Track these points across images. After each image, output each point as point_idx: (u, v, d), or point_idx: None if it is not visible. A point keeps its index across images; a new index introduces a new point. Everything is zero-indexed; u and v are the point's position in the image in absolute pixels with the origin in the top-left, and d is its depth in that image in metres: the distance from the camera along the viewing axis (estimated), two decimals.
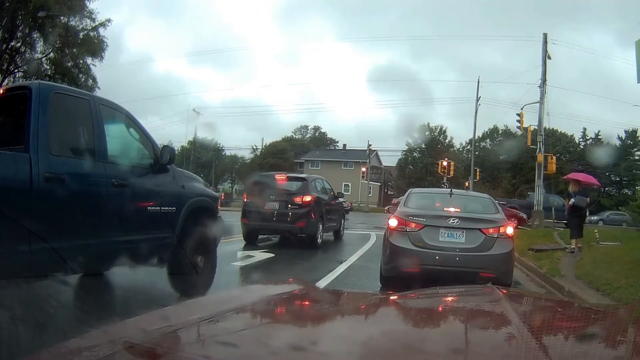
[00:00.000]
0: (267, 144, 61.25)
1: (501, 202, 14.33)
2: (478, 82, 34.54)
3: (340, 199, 15.25)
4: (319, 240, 11.56)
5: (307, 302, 1.83)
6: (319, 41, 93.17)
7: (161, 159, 5.12)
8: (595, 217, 36.19)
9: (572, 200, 11.24)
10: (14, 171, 3.77)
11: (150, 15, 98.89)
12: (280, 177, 12.30)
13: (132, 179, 4.81)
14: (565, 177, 14.57)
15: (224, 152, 62.86)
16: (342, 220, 14.27)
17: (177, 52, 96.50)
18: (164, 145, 5.53)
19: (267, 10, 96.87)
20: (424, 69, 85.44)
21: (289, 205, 11.18)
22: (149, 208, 5.00)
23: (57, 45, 26.04)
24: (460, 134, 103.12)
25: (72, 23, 26.30)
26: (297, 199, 11.21)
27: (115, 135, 4.85)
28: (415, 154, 61.66)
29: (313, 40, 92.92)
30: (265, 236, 12.44)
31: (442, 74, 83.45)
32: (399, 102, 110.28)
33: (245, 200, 12.07)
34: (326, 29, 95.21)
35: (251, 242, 11.47)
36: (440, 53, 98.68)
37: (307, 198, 11.27)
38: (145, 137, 5.21)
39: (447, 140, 62.30)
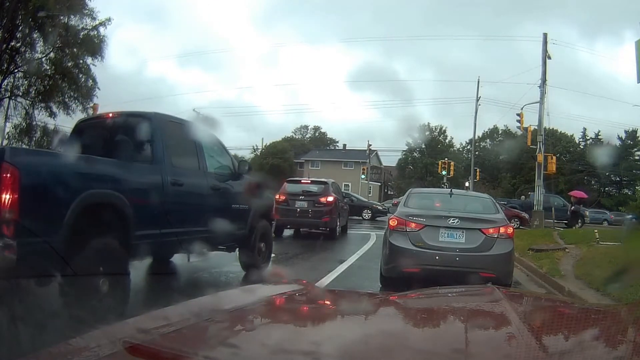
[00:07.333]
0: (267, 144, 61.26)
1: (501, 202, 14.83)
2: (478, 82, 34.52)
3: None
4: (338, 233, 14.05)
5: (307, 302, 1.83)
6: (320, 41, 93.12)
7: (239, 170, 6.81)
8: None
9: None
10: (154, 178, 5.22)
11: (149, 16, 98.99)
12: (306, 181, 15.46)
13: (222, 184, 6.44)
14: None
15: None
16: (347, 217, 16.46)
17: (174, 53, 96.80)
18: (240, 160, 7.50)
19: (267, 10, 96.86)
20: (423, 69, 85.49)
21: (315, 205, 13.50)
22: (233, 206, 6.63)
23: (57, 45, 25.92)
24: (460, 134, 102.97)
25: (72, 22, 26.16)
26: (322, 199, 13.58)
27: (209, 151, 6.42)
28: (415, 154, 61.61)
29: (313, 40, 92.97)
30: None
31: (441, 74, 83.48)
32: (399, 103, 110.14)
33: (278, 199, 13.93)
34: (327, 29, 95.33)
35: (279, 235, 13.07)
36: (440, 52, 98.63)
37: (330, 198, 13.67)
38: (226, 153, 7.02)
39: (447, 140, 62.32)
